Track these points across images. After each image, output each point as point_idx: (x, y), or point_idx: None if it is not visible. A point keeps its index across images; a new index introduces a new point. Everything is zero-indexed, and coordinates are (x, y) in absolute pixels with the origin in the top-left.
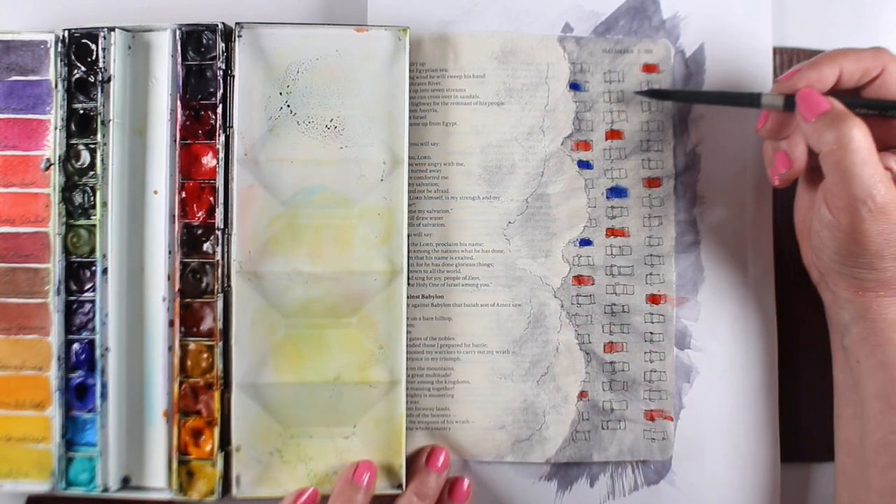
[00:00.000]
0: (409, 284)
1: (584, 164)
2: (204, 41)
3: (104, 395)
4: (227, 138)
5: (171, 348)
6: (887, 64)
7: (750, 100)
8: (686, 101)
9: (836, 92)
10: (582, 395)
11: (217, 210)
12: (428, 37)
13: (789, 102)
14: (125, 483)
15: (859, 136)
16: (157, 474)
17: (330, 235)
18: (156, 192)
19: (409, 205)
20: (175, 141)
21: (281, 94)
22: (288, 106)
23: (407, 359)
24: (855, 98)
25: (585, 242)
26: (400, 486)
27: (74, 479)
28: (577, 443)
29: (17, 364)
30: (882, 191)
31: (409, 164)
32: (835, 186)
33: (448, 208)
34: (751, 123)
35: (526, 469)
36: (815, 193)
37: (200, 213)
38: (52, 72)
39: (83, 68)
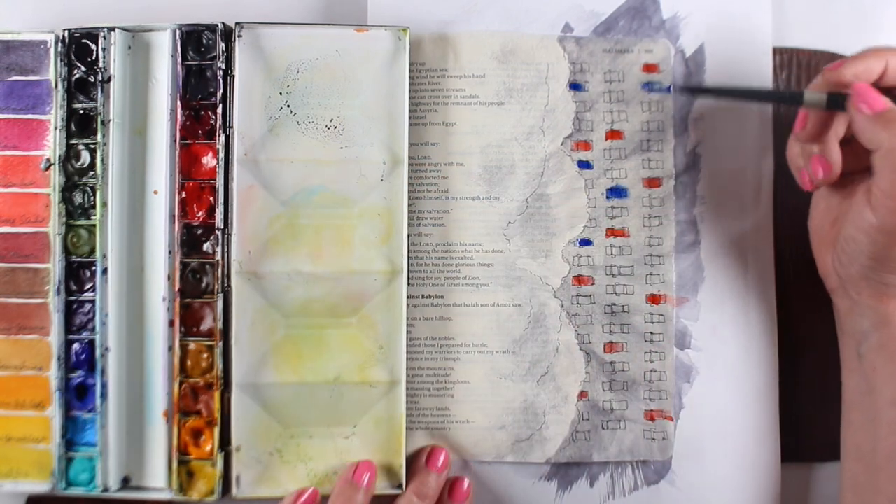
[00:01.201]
0: (409, 284)
1: (584, 164)
2: (204, 41)
3: (104, 395)
4: (227, 138)
5: (171, 348)
6: None
7: (791, 97)
8: (726, 97)
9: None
10: (582, 395)
11: (217, 210)
12: (428, 37)
13: (832, 101)
14: (125, 483)
15: None
16: (157, 474)
17: (330, 235)
18: (156, 192)
19: (409, 205)
20: (175, 141)
21: (281, 94)
22: (288, 106)
23: (407, 359)
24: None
25: (585, 242)
26: (400, 486)
27: (74, 479)
28: (577, 443)
29: (17, 364)
30: None
31: (409, 164)
32: (888, 187)
33: (448, 208)
34: (751, 123)
35: (526, 469)
36: (836, 200)
37: (200, 213)
38: (52, 72)
39: (83, 68)
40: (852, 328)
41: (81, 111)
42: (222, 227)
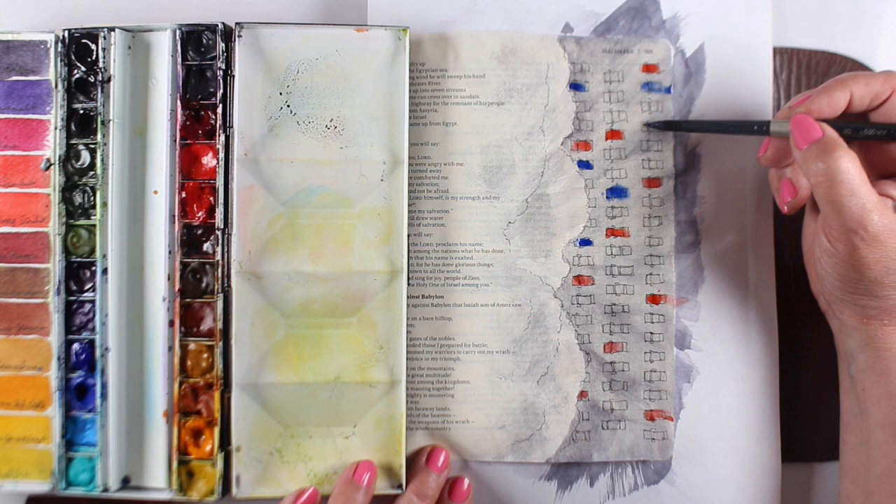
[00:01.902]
0: (409, 284)
1: (584, 164)
2: (204, 41)
3: (104, 395)
4: (227, 138)
5: (171, 348)
6: None
7: (759, 128)
8: (695, 130)
9: (846, 116)
10: (582, 395)
11: (217, 210)
12: (428, 37)
13: None
14: (125, 483)
15: (847, 166)
16: (157, 474)
17: (330, 235)
18: (156, 193)
19: (409, 205)
20: (175, 141)
21: (281, 94)
22: (288, 106)
23: (407, 359)
24: (863, 122)
25: (585, 242)
26: (400, 486)
27: (74, 479)
28: (577, 443)
29: (17, 364)
30: (875, 219)
31: (409, 164)
32: (828, 216)
33: (448, 208)
34: None
35: (526, 469)
36: (814, 223)
37: (200, 213)
38: (52, 72)
39: (83, 68)
40: (843, 349)
41: (81, 111)
42: (222, 227)
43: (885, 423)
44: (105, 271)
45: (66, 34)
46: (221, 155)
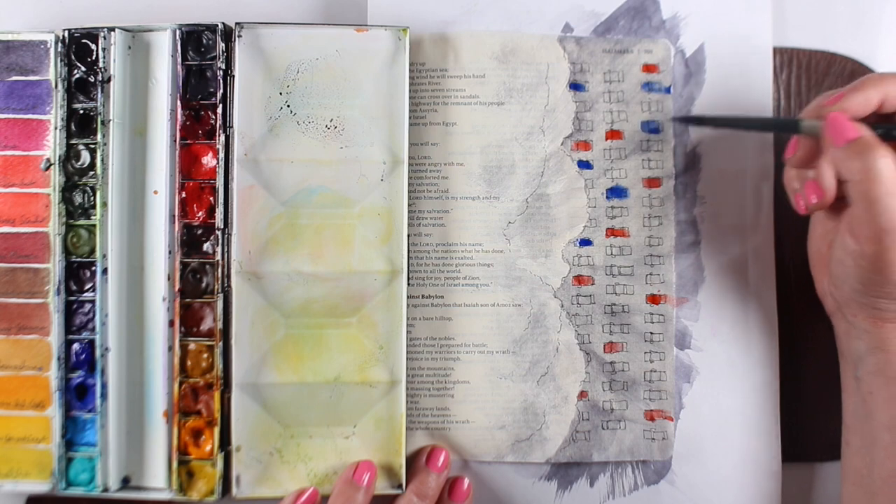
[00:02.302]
0: (409, 284)
1: (584, 164)
2: (204, 41)
3: (104, 395)
4: (227, 138)
5: (171, 348)
6: None
7: (788, 126)
8: (723, 126)
9: (875, 116)
10: (582, 395)
11: (217, 210)
12: (428, 37)
13: None
14: (125, 483)
15: (887, 165)
16: (157, 474)
17: (330, 235)
18: (156, 193)
19: (409, 205)
20: (175, 141)
21: (281, 94)
22: (288, 106)
23: (407, 359)
24: (892, 124)
25: (585, 242)
26: (400, 486)
27: (74, 479)
28: (577, 443)
29: (17, 364)
30: None
31: (409, 164)
32: (862, 215)
33: (448, 208)
34: None
35: (526, 469)
36: (831, 223)
37: (200, 213)
38: (52, 72)
39: (83, 68)
40: (849, 351)
41: (81, 111)
42: (222, 227)
43: (891, 425)
44: (105, 271)
45: (66, 34)
46: (221, 155)
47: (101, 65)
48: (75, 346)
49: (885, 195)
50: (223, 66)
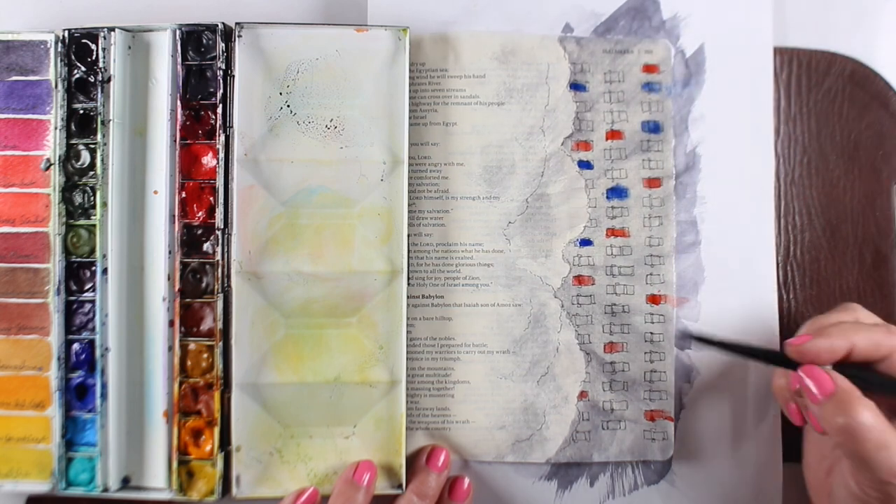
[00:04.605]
0: (409, 284)
1: (585, 164)
2: (204, 41)
3: (104, 395)
4: (227, 138)
5: (171, 348)
6: None
7: (784, 361)
8: (723, 350)
9: (848, 363)
10: (582, 395)
11: (217, 210)
12: (428, 37)
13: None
14: (125, 483)
15: (869, 419)
16: (157, 474)
17: (330, 235)
18: (156, 193)
19: (409, 205)
20: (175, 141)
21: (281, 94)
22: (288, 106)
23: (407, 359)
24: (868, 371)
25: (586, 242)
26: (400, 486)
27: (74, 479)
28: (577, 443)
29: (17, 364)
30: None
31: (410, 164)
32: (854, 469)
33: (448, 208)
34: (751, 123)
35: (526, 469)
36: (828, 448)
37: (200, 213)
38: (52, 72)
39: (83, 68)
40: None
41: (81, 111)
42: (222, 227)
43: None
44: (105, 271)
45: (66, 34)
46: (221, 155)
47: (101, 65)
48: (75, 346)
49: (874, 451)
50: (223, 66)
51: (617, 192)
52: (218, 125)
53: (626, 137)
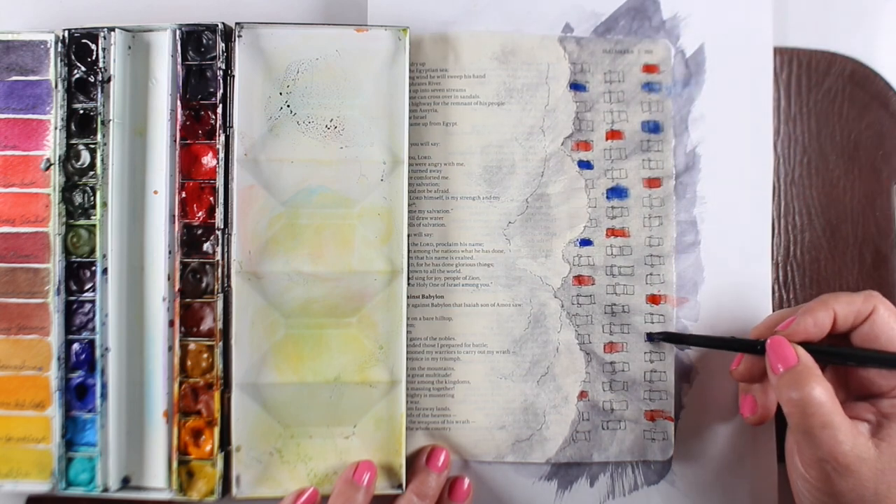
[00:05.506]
0: (409, 284)
1: (585, 164)
2: (204, 41)
3: (104, 395)
4: (227, 138)
5: (171, 348)
6: (877, 305)
7: (750, 347)
8: (693, 344)
9: (832, 336)
10: (582, 395)
11: (217, 210)
12: (428, 37)
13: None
14: (125, 483)
15: (820, 396)
16: (157, 474)
17: (330, 235)
18: (156, 193)
19: (409, 205)
20: (175, 141)
21: (281, 94)
22: (288, 106)
23: (407, 359)
24: (845, 344)
25: (586, 242)
26: (400, 486)
27: (74, 479)
28: (577, 443)
29: (17, 364)
30: (845, 450)
31: (410, 164)
32: (799, 444)
33: (448, 208)
34: (751, 123)
35: (526, 469)
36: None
37: (200, 213)
38: (52, 72)
39: (83, 68)
40: None
41: (81, 111)
42: (222, 227)
43: None
44: (105, 271)
45: (66, 34)
46: (221, 155)
47: (101, 65)
48: (75, 346)
49: (819, 427)
50: (223, 66)
51: (617, 192)
52: (218, 125)
53: (626, 137)
